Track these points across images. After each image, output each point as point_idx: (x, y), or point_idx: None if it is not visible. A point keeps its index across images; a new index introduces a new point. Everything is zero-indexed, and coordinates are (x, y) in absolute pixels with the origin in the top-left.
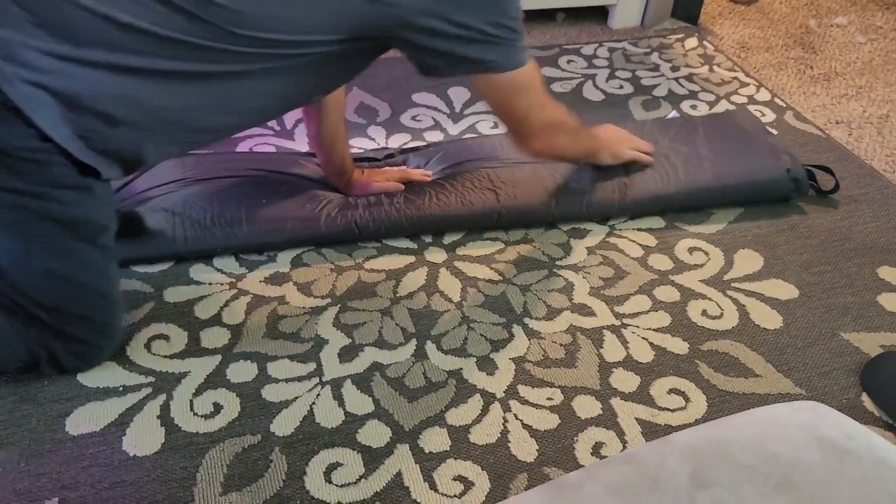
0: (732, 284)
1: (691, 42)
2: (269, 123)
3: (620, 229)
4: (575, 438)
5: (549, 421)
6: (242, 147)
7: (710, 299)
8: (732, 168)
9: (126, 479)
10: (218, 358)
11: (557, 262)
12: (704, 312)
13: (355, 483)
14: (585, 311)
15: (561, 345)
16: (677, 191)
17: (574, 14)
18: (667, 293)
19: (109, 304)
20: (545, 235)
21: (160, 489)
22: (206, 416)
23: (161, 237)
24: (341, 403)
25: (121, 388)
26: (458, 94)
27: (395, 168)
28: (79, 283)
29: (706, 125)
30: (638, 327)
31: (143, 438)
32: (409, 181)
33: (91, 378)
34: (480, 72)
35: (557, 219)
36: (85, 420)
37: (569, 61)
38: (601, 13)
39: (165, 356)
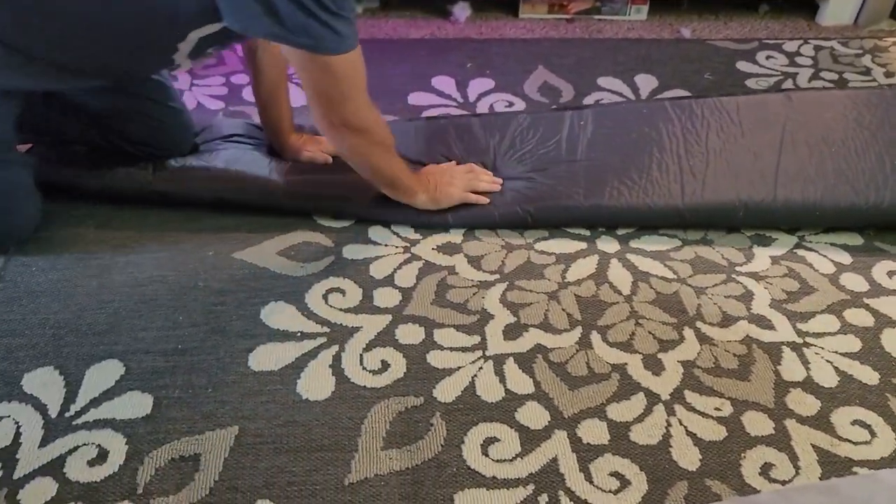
0: None
1: None
2: (452, 94)
3: (811, 241)
4: (742, 455)
5: (716, 432)
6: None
7: None
8: None
9: (297, 420)
10: (388, 318)
11: (737, 268)
12: None
13: (511, 461)
14: (764, 323)
15: (735, 355)
16: (878, 204)
17: (779, 6)
18: (859, 317)
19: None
20: (726, 238)
21: (327, 434)
22: (374, 372)
23: None
24: (502, 380)
25: (298, 334)
26: (646, 81)
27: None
28: None
29: None
30: (822, 349)
31: (316, 384)
32: None
33: (273, 320)
34: (283, 43)
35: (742, 224)
36: (266, 358)
37: (768, 57)
38: (809, 7)
39: (341, 309)
